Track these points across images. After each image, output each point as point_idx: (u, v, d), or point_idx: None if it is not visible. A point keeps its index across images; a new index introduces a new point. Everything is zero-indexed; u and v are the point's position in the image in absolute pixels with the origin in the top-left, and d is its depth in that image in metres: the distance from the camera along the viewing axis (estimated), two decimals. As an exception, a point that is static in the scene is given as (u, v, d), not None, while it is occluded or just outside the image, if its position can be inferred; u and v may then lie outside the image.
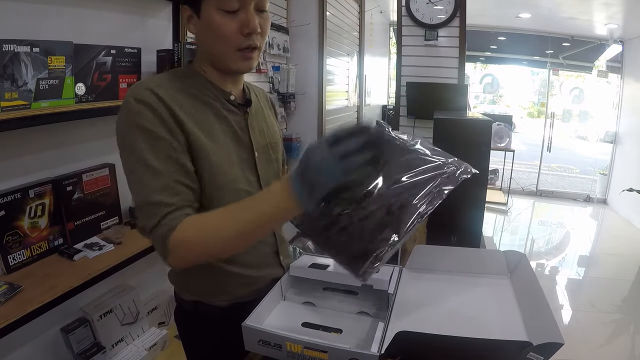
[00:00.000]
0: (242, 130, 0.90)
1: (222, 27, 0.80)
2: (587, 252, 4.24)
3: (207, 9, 0.79)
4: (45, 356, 1.45)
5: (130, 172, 0.77)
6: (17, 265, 1.29)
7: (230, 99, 0.89)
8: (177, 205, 0.74)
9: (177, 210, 0.74)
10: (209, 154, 0.82)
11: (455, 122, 1.46)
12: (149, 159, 0.74)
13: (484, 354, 0.71)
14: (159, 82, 0.82)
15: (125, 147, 0.77)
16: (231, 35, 0.80)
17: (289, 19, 3.05)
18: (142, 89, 0.79)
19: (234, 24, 0.80)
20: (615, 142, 5.69)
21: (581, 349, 2.47)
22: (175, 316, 1.03)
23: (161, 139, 0.76)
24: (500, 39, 6.85)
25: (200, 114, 0.83)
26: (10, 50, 1.12)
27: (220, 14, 0.79)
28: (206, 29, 0.81)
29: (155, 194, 0.74)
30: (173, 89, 0.82)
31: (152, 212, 0.73)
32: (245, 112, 0.92)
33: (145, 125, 0.76)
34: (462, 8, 2.89)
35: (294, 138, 3.13)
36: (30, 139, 1.36)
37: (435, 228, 1.46)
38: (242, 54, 0.83)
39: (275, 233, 0.98)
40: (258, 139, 0.93)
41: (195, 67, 0.89)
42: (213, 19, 0.79)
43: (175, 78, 0.85)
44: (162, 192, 0.74)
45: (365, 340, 0.83)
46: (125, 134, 0.77)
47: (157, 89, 0.79)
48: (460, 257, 1.07)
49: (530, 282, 0.93)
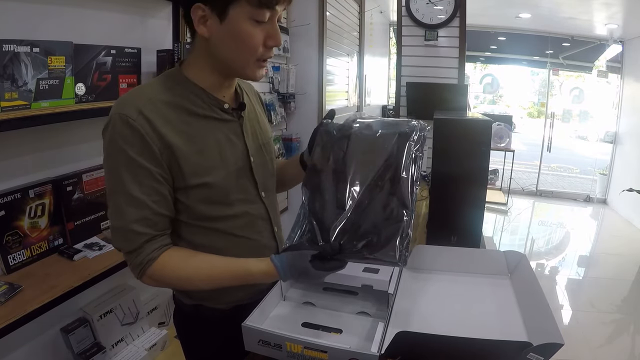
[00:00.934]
0: (237, 136, 0.89)
1: (251, 38, 0.77)
2: (587, 252, 4.24)
3: (237, 15, 0.76)
4: (45, 356, 1.45)
5: (111, 193, 0.78)
6: (17, 265, 1.29)
7: (225, 108, 0.87)
8: (154, 234, 0.78)
9: (153, 240, 0.78)
10: (202, 175, 0.81)
11: (455, 122, 1.46)
12: (131, 189, 0.75)
13: (484, 354, 0.71)
14: (149, 97, 0.78)
15: (109, 168, 0.77)
16: (257, 46, 0.79)
17: (289, 19, 3.04)
18: (130, 107, 0.76)
19: (261, 35, 0.78)
20: (615, 142, 5.69)
21: (581, 349, 2.47)
22: (174, 317, 1.03)
23: (144, 169, 0.75)
24: (500, 39, 6.85)
25: (192, 129, 0.81)
26: (10, 50, 1.12)
27: (251, 23, 0.76)
28: (230, 35, 0.78)
29: (134, 224, 0.76)
30: (164, 104, 0.79)
31: (129, 238, 0.77)
32: (240, 117, 0.91)
33: (130, 153, 0.74)
34: (462, 8, 2.88)
35: (294, 138, 3.12)
36: (30, 139, 1.36)
37: (435, 228, 1.46)
38: (260, 63, 0.82)
39: (276, 236, 0.98)
40: (253, 143, 0.92)
41: (187, 73, 0.84)
42: (242, 28, 0.76)
43: (166, 88, 0.82)
44: (141, 223, 0.76)
45: (365, 340, 0.83)
46: (110, 155, 0.77)
47: (145, 108, 0.76)
48: (460, 257, 1.07)
49: (530, 282, 0.93)
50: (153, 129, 0.76)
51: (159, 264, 0.78)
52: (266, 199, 0.94)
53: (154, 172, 0.76)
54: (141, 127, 0.75)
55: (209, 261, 0.82)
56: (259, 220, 0.93)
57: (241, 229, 0.89)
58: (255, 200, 0.92)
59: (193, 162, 0.80)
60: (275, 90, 2.95)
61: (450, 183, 1.38)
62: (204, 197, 0.83)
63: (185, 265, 0.81)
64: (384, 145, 0.82)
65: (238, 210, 0.88)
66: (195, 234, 0.86)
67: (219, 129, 0.85)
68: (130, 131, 0.74)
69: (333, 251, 0.73)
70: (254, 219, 0.91)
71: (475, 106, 8.69)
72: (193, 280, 0.82)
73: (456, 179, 1.36)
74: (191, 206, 0.83)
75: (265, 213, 0.94)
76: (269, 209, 0.95)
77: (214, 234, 0.86)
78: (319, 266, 0.74)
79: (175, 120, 0.79)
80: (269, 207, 0.95)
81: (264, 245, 0.95)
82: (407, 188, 0.77)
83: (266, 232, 0.95)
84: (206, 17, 0.77)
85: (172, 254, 0.80)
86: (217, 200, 0.85)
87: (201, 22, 0.77)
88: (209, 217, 0.85)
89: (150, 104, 0.77)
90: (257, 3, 0.74)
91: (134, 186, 0.75)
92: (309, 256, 0.74)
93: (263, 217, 0.94)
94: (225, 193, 0.85)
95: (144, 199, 0.76)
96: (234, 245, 0.88)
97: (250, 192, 0.91)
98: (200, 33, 0.78)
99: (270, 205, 0.96)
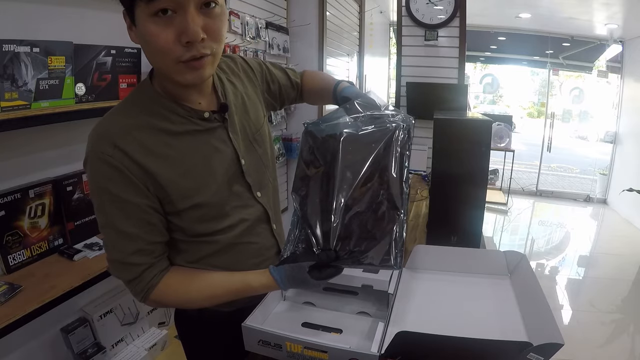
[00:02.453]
0: (225, 143, 0.84)
1: (156, 38, 0.66)
2: (587, 252, 4.24)
3: (140, 16, 0.67)
4: (45, 356, 1.45)
5: (103, 227, 0.76)
6: (17, 265, 1.29)
7: (205, 117, 0.81)
8: (152, 262, 0.78)
9: (152, 267, 0.78)
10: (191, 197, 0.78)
11: (455, 122, 1.46)
12: (121, 224, 0.74)
13: (483, 354, 0.71)
14: (122, 126, 0.73)
15: (96, 204, 0.75)
16: (167, 46, 0.67)
17: (289, 19, 3.04)
18: (105, 142, 0.72)
19: (170, 33, 0.66)
20: (615, 142, 5.68)
21: (581, 349, 2.47)
22: (176, 318, 1.03)
23: (130, 204, 0.73)
24: (500, 39, 6.85)
25: (174, 150, 0.77)
26: (10, 50, 1.12)
27: (152, 21, 0.66)
28: (141, 40, 0.69)
29: (130, 256, 0.76)
30: (139, 130, 0.74)
31: (127, 269, 0.77)
32: (224, 119, 0.84)
33: (113, 191, 0.72)
34: (462, 8, 2.88)
35: (294, 138, 3.12)
36: (30, 139, 1.36)
37: (435, 228, 1.46)
38: (186, 65, 0.69)
39: (275, 234, 0.97)
40: (242, 143, 0.88)
41: (156, 85, 0.78)
42: (146, 28, 0.67)
43: (138, 111, 0.76)
44: (136, 255, 0.76)
45: (365, 340, 0.83)
46: (94, 192, 0.75)
47: (120, 140, 0.72)
48: (460, 257, 1.07)
49: (530, 282, 0.93)
50: (132, 161, 0.72)
51: (160, 289, 0.79)
52: (262, 198, 0.91)
53: (141, 205, 0.74)
54: (119, 162, 0.71)
55: (209, 280, 0.82)
56: (257, 223, 0.91)
57: (239, 236, 0.87)
58: (251, 203, 0.89)
59: (180, 186, 0.77)
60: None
61: (450, 183, 1.38)
62: (197, 217, 0.81)
63: (186, 289, 0.82)
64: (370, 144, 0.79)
65: (234, 220, 0.86)
66: (194, 249, 0.85)
67: (203, 141, 0.80)
68: (109, 168, 0.71)
69: (329, 259, 0.73)
70: (251, 223, 0.89)
71: (475, 106, 8.69)
72: (196, 301, 0.83)
73: (456, 179, 1.36)
74: (185, 227, 0.81)
75: (263, 213, 0.92)
76: (266, 207, 0.92)
77: (212, 246, 0.85)
78: (317, 276, 0.74)
79: (154, 145, 0.74)
80: (266, 205, 0.92)
81: (264, 246, 0.93)
82: (397, 189, 0.75)
83: (265, 233, 0.94)
84: (131, 25, 0.71)
85: (172, 277, 0.81)
86: (211, 217, 0.83)
87: (129, 28, 0.72)
88: (206, 233, 0.83)
89: (125, 134, 0.72)
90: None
91: (123, 221, 0.74)
92: (307, 267, 0.75)
93: (261, 218, 0.92)
94: (219, 207, 0.83)
95: (136, 232, 0.75)
96: (234, 252, 0.87)
97: (245, 197, 0.88)
98: (132, 40, 0.72)
99: (267, 203, 0.93)
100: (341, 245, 0.73)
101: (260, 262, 0.92)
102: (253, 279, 0.81)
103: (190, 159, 0.78)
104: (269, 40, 2.73)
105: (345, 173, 0.76)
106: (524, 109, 11.40)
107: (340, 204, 0.75)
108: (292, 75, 1.10)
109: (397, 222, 0.74)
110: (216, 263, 0.86)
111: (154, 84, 0.78)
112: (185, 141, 0.78)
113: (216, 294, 0.82)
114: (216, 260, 0.86)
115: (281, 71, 1.08)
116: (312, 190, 0.79)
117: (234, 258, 0.87)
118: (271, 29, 2.75)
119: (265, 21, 2.69)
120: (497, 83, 8.43)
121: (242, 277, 0.82)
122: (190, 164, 0.78)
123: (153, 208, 0.76)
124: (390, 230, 0.73)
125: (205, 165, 0.80)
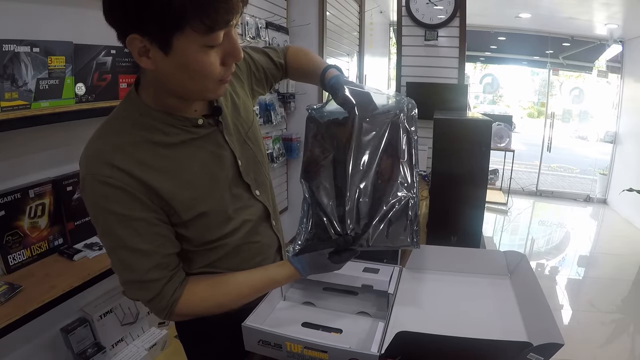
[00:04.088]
0: (222, 146, 0.83)
1: (207, 66, 0.66)
2: (587, 252, 4.23)
3: (185, 46, 0.63)
4: (45, 356, 1.45)
5: (112, 250, 0.73)
6: (17, 265, 1.29)
7: (199, 124, 0.79)
8: (170, 275, 0.76)
9: (171, 280, 0.76)
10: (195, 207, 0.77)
11: (455, 122, 1.46)
12: (133, 243, 0.71)
13: (484, 355, 0.71)
14: (115, 144, 0.71)
15: (101, 230, 0.72)
16: (215, 71, 0.68)
17: (289, 19, 3.04)
18: (100, 164, 0.69)
19: (217, 58, 0.67)
20: (615, 142, 5.68)
21: (581, 349, 2.47)
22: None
23: (139, 220, 0.71)
24: (500, 39, 6.85)
25: (172, 162, 0.75)
26: (10, 50, 1.12)
27: (203, 51, 0.64)
28: (180, 68, 0.66)
29: (148, 273, 0.73)
30: (133, 146, 0.72)
31: (146, 287, 0.75)
32: (219, 122, 0.83)
33: (118, 211, 0.69)
34: (462, 8, 2.88)
35: (294, 138, 3.12)
36: (30, 139, 1.36)
37: (435, 228, 1.46)
38: (221, 83, 0.72)
39: (275, 230, 0.96)
40: (237, 143, 0.87)
41: (146, 99, 0.75)
42: (195, 58, 0.64)
43: (130, 127, 0.73)
44: (154, 270, 0.74)
45: (365, 340, 0.83)
46: (97, 217, 0.71)
47: (116, 159, 0.69)
48: (460, 257, 1.07)
49: (530, 282, 0.93)
50: (132, 177, 0.70)
51: (184, 302, 0.78)
52: (261, 196, 0.91)
53: (149, 219, 0.72)
54: (119, 181, 0.69)
55: (234, 283, 0.83)
56: (259, 221, 0.91)
57: (244, 237, 0.87)
58: (251, 203, 0.89)
59: (182, 197, 0.75)
60: (275, 90, 2.95)
61: (450, 183, 1.38)
62: (203, 225, 0.80)
63: (213, 294, 0.82)
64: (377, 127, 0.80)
65: (238, 222, 0.86)
66: (202, 257, 0.85)
67: (200, 148, 0.79)
68: (110, 189, 0.69)
69: (347, 244, 0.77)
70: (254, 223, 0.90)
71: (475, 106, 8.69)
72: (225, 304, 0.83)
73: (456, 179, 1.36)
74: (192, 237, 0.80)
75: (264, 211, 0.92)
76: (265, 204, 0.92)
77: (219, 251, 0.85)
78: (337, 260, 0.79)
79: (151, 160, 0.72)
80: (265, 203, 0.92)
81: (266, 244, 0.94)
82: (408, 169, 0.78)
83: (267, 231, 0.94)
84: (147, 48, 0.64)
85: (195, 286, 0.80)
86: (216, 223, 0.82)
87: (142, 54, 0.65)
88: (212, 240, 0.83)
89: (120, 152, 0.70)
90: (207, 29, 0.61)
91: (135, 239, 0.71)
92: (327, 254, 0.79)
93: (262, 216, 0.92)
94: (222, 212, 0.82)
95: (150, 248, 0.73)
96: (239, 253, 0.88)
97: (245, 197, 0.88)
98: (144, 66, 0.66)
99: (266, 200, 0.93)
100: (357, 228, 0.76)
101: (263, 259, 0.93)
102: (276, 273, 0.84)
103: (189, 169, 0.77)
104: (269, 40, 2.73)
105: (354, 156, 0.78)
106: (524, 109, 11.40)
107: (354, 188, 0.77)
108: (274, 56, 1.05)
109: (411, 203, 0.76)
110: (223, 266, 0.86)
111: (141, 96, 0.75)
112: (182, 151, 0.77)
113: (243, 294, 0.83)
114: (223, 264, 0.86)
115: (263, 55, 1.04)
116: (322, 176, 0.81)
117: (239, 259, 0.88)
118: (271, 28, 2.76)
119: (265, 21, 2.69)
120: (497, 83, 8.43)
121: (265, 273, 0.85)
122: (189, 174, 0.77)
123: (161, 220, 0.74)
124: (405, 211, 0.76)
125: (205, 173, 0.79)
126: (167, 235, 0.76)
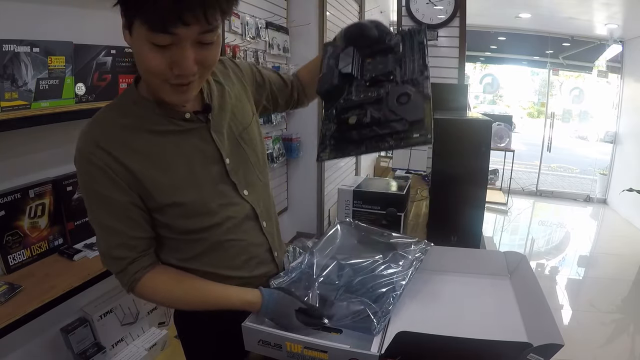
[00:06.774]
0: (207, 142, 0.85)
1: (150, 61, 0.67)
2: (587, 252, 4.24)
3: (138, 32, 0.66)
4: (45, 356, 1.46)
5: (91, 222, 0.81)
6: (17, 265, 1.29)
7: (187, 118, 0.82)
8: (135, 257, 0.82)
9: (135, 261, 0.82)
10: (171, 194, 0.80)
11: (455, 122, 1.46)
12: (105, 219, 0.79)
13: (483, 355, 0.71)
14: (106, 125, 0.78)
15: (84, 200, 0.80)
16: (158, 69, 0.68)
17: (289, 19, 3.05)
18: (89, 142, 0.76)
19: (164, 60, 0.67)
20: (615, 142, 5.69)
21: (581, 349, 2.47)
22: (175, 318, 1.03)
23: (114, 200, 0.77)
24: (500, 39, 6.85)
25: (156, 148, 0.79)
26: (10, 50, 1.12)
27: (149, 45, 0.66)
28: (133, 51, 0.70)
29: (114, 249, 0.80)
30: (122, 129, 0.77)
31: (114, 263, 0.82)
32: (207, 120, 0.85)
33: (96, 188, 0.77)
34: (462, 8, 2.88)
35: (294, 138, 3.13)
36: (30, 139, 1.36)
37: (435, 228, 1.46)
38: (173, 87, 0.72)
39: (264, 232, 0.95)
40: (227, 142, 0.88)
41: (141, 90, 0.81)
42: (141, 48, 0.67)
43: (123, 113, 0.79)
44: (120, 248, 0.80)
45: (365, 340, 0.83)
46: (81, 189, 0.80)
47: (102, 139, 0.75)
48: (460, 257, 1.07)
49: (530, 282, 0.93)
50: (114, 159, 0.75)
51: (143, 285, 0.82)
52: (250, 196, 0.91)
53: (123, 202, 0.78)
54: (101, 160, 0.75)
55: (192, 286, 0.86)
56: (245, 220, 0.91)
57: (226, 233, 0.88)
58: (237, 201, 0.89)
59: (160, 183, 0.79)
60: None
61: (450, 183, 1.38)
62: (180, 213, 0.82)
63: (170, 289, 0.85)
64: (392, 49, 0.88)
65: (220, 218, 0.86)
66: (182, 247, 0.86)
67: (185, 141, 0.82)
68: (92, 167, 0.75)
69: (318, 316, 0.82)
70: (238, 221, 0.89)
71: (475, 106, 8.68)
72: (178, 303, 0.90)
73: (456, 179, 1.36)
74: (170, 223, 0.83)
75: (251, 211, 0.92)
76: (253, 205, 0.92)
77: (201, 244, 0.86)
78: (301, 319, 0.80)
79: (137, 143, 0.78)
80: (253, 203, 0.92)
81: (252, 243, 0.93)
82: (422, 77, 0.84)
83: (253, 231, 0.93)
84: (125, 27, 0.68)
85: (158, 276, 0.84)
86: (195, 214, 0.83)
87: (124, 27, 0.69)
88: (191, 230, 0.84)
89: (108, 133, 0.77)
90: (148, 27, 0.63)
91: (107, 216, 0.78)
92: (297, 306, 0.81)
93: (249, 216, 0.92)
94: (202, 205, 0.83)
95: (119, 227, 0.79)
96: (222, 249, 0.88)
97: (231, 195, 0.88)
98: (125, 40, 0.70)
99: (255, 201, 0.93)
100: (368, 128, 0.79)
101: (249, 258, 0.92)
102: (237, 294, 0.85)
103: (172, 157, 0.81)
104: (269, 40, 2.74)
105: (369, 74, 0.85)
106: (524, 109, 11.39)
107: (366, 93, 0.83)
108: (284, 75, 1.12)
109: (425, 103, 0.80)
110: (207, 261, 0.87)
111: (139, 87, 0.82)
112: (168, 140, 0.81)
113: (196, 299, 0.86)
114: (206, 258, 0.87)
115: (272, 72, 1.11)
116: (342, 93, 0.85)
117: (223, 255, 0.88)
118: (271, 28, 2.76)
119: (265, 21, 2.69)
120: (497, 83, 8.43)
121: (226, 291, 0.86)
122: (171, 162, 0.81)
123: (135, 204, 0.79)
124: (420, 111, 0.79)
125: (186, 165, 0.82)
126: (138, 219, 0.80)
